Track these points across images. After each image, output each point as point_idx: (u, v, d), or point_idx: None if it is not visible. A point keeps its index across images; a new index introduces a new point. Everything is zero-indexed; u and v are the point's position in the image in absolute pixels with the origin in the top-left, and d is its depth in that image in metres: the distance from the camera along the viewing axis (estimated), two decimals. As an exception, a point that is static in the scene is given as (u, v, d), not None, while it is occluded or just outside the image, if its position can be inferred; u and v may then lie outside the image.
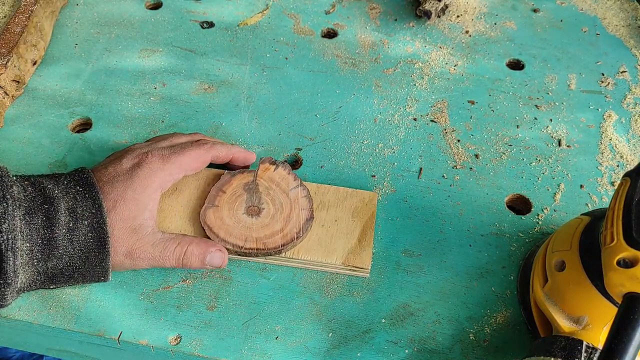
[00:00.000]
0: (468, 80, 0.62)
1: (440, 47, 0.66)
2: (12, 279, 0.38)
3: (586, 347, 0.36)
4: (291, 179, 0.49)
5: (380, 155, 0.55)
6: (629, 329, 0.31)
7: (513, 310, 0.45)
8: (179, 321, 0.43)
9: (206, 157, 0.47)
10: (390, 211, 0.51)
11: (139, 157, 0.45)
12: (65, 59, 0.62)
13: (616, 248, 0.33)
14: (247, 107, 0.58)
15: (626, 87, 0.62)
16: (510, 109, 0.60)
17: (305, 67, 0.63)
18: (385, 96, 0.60)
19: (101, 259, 0.41)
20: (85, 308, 0.44)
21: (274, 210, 0.47)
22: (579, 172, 0.54)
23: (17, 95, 0.57)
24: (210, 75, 0.61)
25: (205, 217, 0.46)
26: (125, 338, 0.43)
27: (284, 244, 0.45)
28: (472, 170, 0.54)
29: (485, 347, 0.43)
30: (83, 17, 0.66)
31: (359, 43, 0.66)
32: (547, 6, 0.72)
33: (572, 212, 0.51)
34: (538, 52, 0.66)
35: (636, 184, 0.34)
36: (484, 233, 0.50)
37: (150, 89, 0.59)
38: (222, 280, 0.46)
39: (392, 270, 0.47)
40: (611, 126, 0.58)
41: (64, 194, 0.41)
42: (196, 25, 0.67)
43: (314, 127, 0.57)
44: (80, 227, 0.40)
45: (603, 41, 0.67)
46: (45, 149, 0.53)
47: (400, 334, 0.44)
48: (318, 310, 0.44)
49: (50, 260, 0.40)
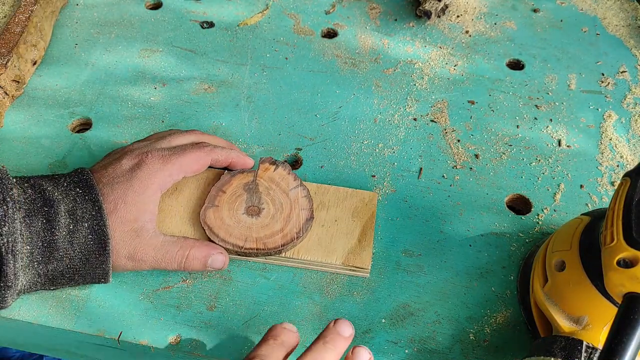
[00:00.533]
0: (468, 80, 0.62)
1: (440, 47, 0.66)
2: (13, 281, 0.38)
3: (586, 347, 0.36)
4: (291, 179, 0.49)
5: (380, 155, 0.55)
6: (629, 329, 0.31)
7: (513, 310, 0.45)
8: (179, 321, 0.43)
9: (206, 159, 0.47)
10: (390, 211, 0.51)
11: (138, 158, 0.45)
12: (65, 59, 0.62)
13: (616, 248, 0.33)
14: (247, 107, 0.58)
15: (626, 87, 0.62)
16: (510, 109, 0.60)
17: (305, 67, 0.63)
18: (385, 96, 0.60)
19: (102, 261, 0.41)
20: (85, 308, 0.44)
21: (274, 210, 0.47)
22: (579, 172, 0.54)
23: (17, 95, 0.57)
24: (210, 75, 0.61)
25: (205, 217, 0.46)
26: (125, 338, 0.43)
27: (284, 244, 0.45)
28: (472, 170, 0.54)
29: (485, 347, 0.43)
30: (83, 17, 0.67)
31: (359, 43, 0.66)
32: (547, 6, 0.72)
33: (572, 212, 0.51)
34: (538, 52, 0.66)
35: (636, 184, 0.34)
36: (484, 233, 0.50)
37: (150, 89, 0.59)
38: (222, 280, 0.46)
39: (392, 270, 0.47)
40: (611, 126, 0.58)
41: (64, 196, 0.41)
42: (196, 25, 0.67)
43: (314, 127, 0.57)
44: (81, 229, 0.40)
45: (603, 41, 0.68)
46: (45, 149, 0.53)
47: (400, 334, 0.44)
48: (318, 310, 0.44)
49: (51, 263, 0.40)
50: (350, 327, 0.40)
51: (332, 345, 0.38)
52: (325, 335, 0.39)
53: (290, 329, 0.40)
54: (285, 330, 0.40)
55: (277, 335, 0.39)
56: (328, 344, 0.38)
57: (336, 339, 0.39)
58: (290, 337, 0.39)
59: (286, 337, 0.39)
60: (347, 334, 0.40)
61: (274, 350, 0.38)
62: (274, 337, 0.39)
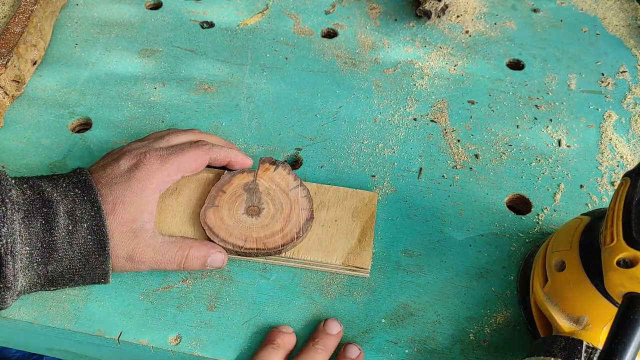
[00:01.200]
0: (468, 80, 0.62)
1: (440, 47, 0.66)
2: (12, 282, 0.38)
3: (586, 347, 0.36)
4: (291, 179, 0.49)
5: (380, 155, 0.55)
6: (629, 329, 0.31)
7: (513, 310, 0.45)
8: (179, 321, 0.43)
9: (204, 158, 0.47)
10: (390, 211, 0.51)
11: (137, 158, 0.45)
12: (65, 59, 0.62)
13: (616, 248, 0.33)
14: (247, 107, 0.58)
15: (626, 87, 0.62)
16: (510, 109, 0.60)
17: (305, 67, 0.63)
18: (385, 96, 0.60)
19: (101, 261, 0.41)
20: (85, 308, 0.44)
21: (274, 210, 0.47)
22: (579, 172, 0.54)
23: (17, 95, 0.57)
24: (210, 75, 0.61)
25: (205, 217, 0.46)
26: (125, 338, 0.43)
27: (284, 244, 0.45)
28: (472, 170, 0.54)
29: (485, 347, 0.43)
30: (83, 17, 0.67)
31: (359, 43, 0.66)
32: (547, 6, 0.72)
33: (572, 212, 0.51)
34: (538, 52, 0.66)
35: (636, 184, 0.34)
36: (484, 233, 0.50)
37: (150, 89, 0.59)
38: (222, 280, 0.46)
39: (392, 270, 0.47)
40: (611, 126, 0.58)
41: (63, 197, 0.41)
42: (196, 25, 0.67)
43: (314, 127, 0.57)
44: (80, 229, 0.40)
45: (603, 41, 0.68)
46: (45, 149, 0.53)
47: (400, 334, 0.44)
48: (318, 310, 0.44)
49: (50, 264, 0.40)
50: (338, 325, 0.43)
51: (322, 345, 0.41)
52: (314, 337, 0.42)
53: (286, 331, 0.42)
54: (281, 334, 0.42)
55: (274, 340, 0.41)
56: (318, 345, 0.41)
57: (325, 339, 0.41)
58: (287, 340, 0.42)
59: (283, 340, 0.41)
60: (336, 331, 0.42)
61: (273, 355, 0.40)
62: (271, 342, 0.41)
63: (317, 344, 0.41)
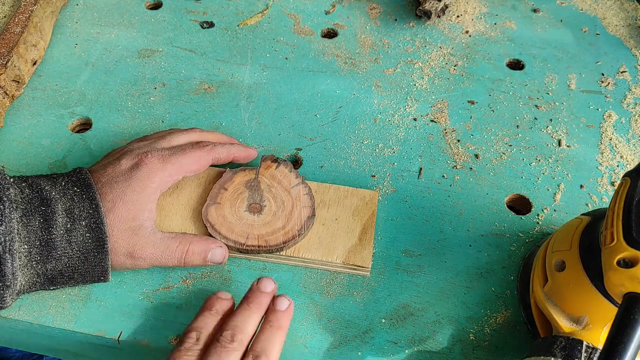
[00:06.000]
0: (468, 80, 0.62)
1: (440, 47, 0.66)
2: (11, 281, 0.38)
3: (586, 347, 0.36)
4: (293, 177, 0.49)
5: (380, 155, 0.55)
6: (629, 329, 0.31)
7: (513, 310, 0.45)
8: (179, 321, 0.43)
9: (207, 159, 0.47)
10: (390, 211, 0.51)
11: (138, 157, 0.45)
12: (65, 59, 0.62)
13: (616, 248, 0.33)
14: (247, 107, 0.58)
15: (626, 87, 0.62)
16: (510, 109, 0.60)
17: (305, 67, 0.63)
18: (385, 96, 0.60)
19: (100, 259, 0.41)
20: (85, 308, 0.44)
21: (276, 207, 0.47)
22: (579, 172, 0.54)
23: (17, 95, 0.57)
24: (210, 75, 0.61)
25: (207, 215, 0.46)
26: (125, 338, 0.43)
27: (286, 241, 0.45)
28: (472, 170, 0.54)
29: (485, 347, 0.43)
30: (83, 17, 0.66)
31: (359, 43, 0.66)
32: (547, 6, 0.72)
33: (572, 212, 0.51)
34: (538, 52, 0.66)
35: (636, 184, 0.34)
36: (484, 233, 0.50)
37: (150, 89, 0.59)
38: (222, 280, 0.46)
39: (392, 270, 0.47)
40: (611, 126, 0.58)
41: (61, 195, 0.41)
42: (196, 25, 0.67)
43: (314, 127, 0.57)
44: (78, 227, 0.40)
45: (603, 41, 0.68)
46: (45, 149, 0.53)
47: (400, 334, 0.44)
48: (318, 310, 0.44)
49: (49, 262, 0.40)
50: (272, 283, 0.42)
51: (256, 305, 0.41)
52: (248, 297, 0.41)
53: (224, 297, 0.42)
54: (219, 300, 0.42)
55: (211, 306, 0.41)
56: (252, 304, 0.41)
57: (259, 297, 0.41)
58: (224, 305, 0.41)
59: (220, 305, 0.41)
60: (269, 289, 0.42)
61: (210, 320, 0.40)
62: (209, 308, 0.41)
63: (251, 303, 0.41)
